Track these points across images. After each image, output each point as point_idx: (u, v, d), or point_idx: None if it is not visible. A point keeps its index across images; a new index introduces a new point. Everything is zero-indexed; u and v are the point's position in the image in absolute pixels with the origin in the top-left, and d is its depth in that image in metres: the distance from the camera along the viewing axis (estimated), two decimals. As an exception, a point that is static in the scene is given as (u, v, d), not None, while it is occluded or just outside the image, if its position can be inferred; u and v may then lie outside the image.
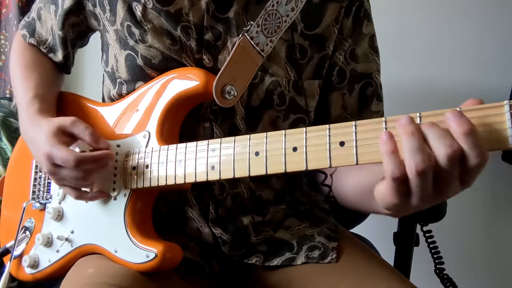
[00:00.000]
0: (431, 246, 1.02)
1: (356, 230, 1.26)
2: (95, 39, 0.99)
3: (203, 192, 0.86)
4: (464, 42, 1.53)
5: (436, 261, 1.02)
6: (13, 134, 1.44)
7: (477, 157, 0.52)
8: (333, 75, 0.88)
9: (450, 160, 0.52)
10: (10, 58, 1.03)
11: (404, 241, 1.05)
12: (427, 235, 1.02)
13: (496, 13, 1.50)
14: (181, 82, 0.80)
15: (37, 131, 0.82)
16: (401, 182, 0.54)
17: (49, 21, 0.96)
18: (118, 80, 0.88)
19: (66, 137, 0.80)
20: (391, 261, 1.01)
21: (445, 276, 1.02)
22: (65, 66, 1.00)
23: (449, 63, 1.55)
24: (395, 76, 1.58)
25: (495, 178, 1.56)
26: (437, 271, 1.02)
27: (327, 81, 0.88)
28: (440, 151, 0.52)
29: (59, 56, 0.97)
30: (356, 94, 0.89)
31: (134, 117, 0.84)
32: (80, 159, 0.76)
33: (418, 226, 1.03)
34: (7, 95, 1.80)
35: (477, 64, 1.52)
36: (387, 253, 1.03)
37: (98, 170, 0.79)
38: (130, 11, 0.83)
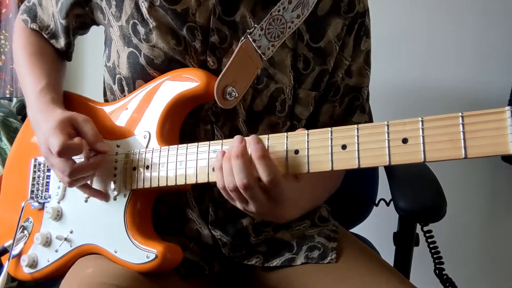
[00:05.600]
0: (431, 246, 1.02)
1: (356, 230, 1.26)
2: (96, 33, 0.98)
3: (203, 194, 0.85)
4: (464, 42, 1.52)
5: (436, 261, 1.02)
6: (13, 134, 1.43)
7: (268, 176, 0.64)
8: (330, 91, 0.89)
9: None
10: (13, 43, 1.02)
11: (404, 241, 1.05)
12: (427, 235, 1.02)
13: (496, 14, 1.49)
14: (182, 82, 0.79)
15: (49, 119, 0.81)
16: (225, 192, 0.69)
17: (50, 8, 0.95)
18: (118, 76, 0.87)
19: (71, 129, 0.79)
20: (391, 261, 1.01)
21: (445, 276, 1.02)
22: (67, 53, 1.00)
23: (449, 64, 1.54)
24: (394, 77, 1.58)
25: (495, 178, 1.56)
26: (437, 271, 1.02)
27: (324, 95, 0.89)
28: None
29: (61, 43, 0.97)
30: (344, 106, 0.91)
31: (134, 117, 0.84)
32: (66, 146, 0.75)
33: (418, 226, 1.03)
34: (7, 95, 1.80)
35: (477, 65, 1.52)
36: (387, 253, 1.03)
37: (87, 169, 0.78)
38: (137, 8, 0.82)
